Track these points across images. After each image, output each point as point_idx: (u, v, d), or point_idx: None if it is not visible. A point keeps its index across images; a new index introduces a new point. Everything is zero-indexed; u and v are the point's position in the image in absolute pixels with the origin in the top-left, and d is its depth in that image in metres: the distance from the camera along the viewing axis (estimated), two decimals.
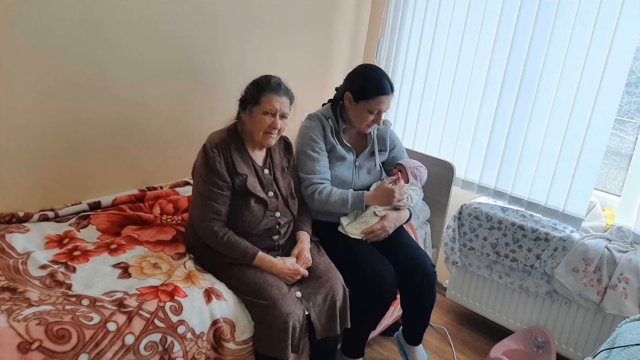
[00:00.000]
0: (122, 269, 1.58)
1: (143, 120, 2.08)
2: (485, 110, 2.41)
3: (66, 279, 1.49)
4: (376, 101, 1.87)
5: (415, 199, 2.02)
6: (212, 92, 2.28)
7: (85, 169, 1.95)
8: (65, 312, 1.31)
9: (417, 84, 2.67)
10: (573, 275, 1.99)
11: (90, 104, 1.89)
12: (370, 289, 1.76)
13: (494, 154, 2.38)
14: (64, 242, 1.69)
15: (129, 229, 1.84)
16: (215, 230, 1.62)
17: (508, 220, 2.19)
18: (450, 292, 2.50)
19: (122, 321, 1.34)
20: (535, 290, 2.15)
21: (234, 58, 2.31)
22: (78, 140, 1.90)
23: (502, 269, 2.25)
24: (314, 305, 1.63)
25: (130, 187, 2.10)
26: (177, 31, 2.07)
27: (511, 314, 2.29)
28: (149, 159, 2.15)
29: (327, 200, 1.88)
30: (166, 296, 1.46)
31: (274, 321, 1.52)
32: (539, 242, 2.10)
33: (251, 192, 1.67)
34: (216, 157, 1.62)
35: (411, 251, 1.94)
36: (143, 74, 2.02)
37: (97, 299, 1.41)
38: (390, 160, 2.14)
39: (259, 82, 1.67)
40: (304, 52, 2.64)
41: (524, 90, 2.25)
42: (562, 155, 2.15)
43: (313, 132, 1.92)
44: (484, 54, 2.38)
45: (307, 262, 1.72)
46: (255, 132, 1.67)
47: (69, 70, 1.81)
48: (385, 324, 2.15)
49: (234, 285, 1.61)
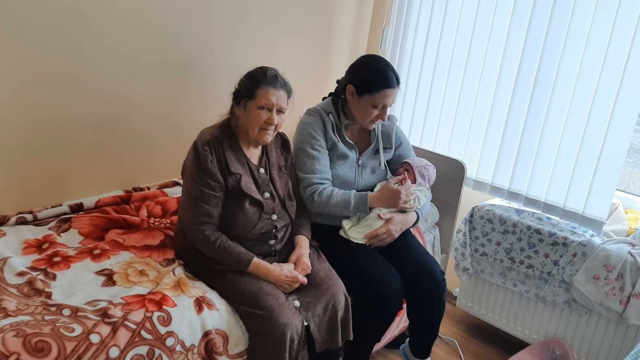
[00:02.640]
0: (106, 276, 1.58)
1: (129, 115, 2.07)
2: (498, 105, 2.41)
3: (46, 287, 1.49)
4: (381, 95, 1.87)
5: (423, 200, 2.03)
6: (204, 85, 2.28)
7: (66, 168, 1.95)
8: (44, 323, 1.31)
9: (425, 76, 2.67)
10: (594, 283, 1.99)
11: (71, 98, 1.89)
12: (375, 297, 1.76)
13: (508, 151, 2.38)
14: (43, 247, 1.69)
15: (113, 233, 1.84)
16: (207, 234, 1.63)
17: (523, 224, 2.19)
18: (460, 301, 2.51)
19: (106, 333, 1.33)
20: (553, 299, 2.15)
21: (227, 48, 2.31)
22: (58, 137, 1.90)
23: (516, 276, 2.25)
24: (313, 315, 1.63)
25: (114, 187, 2.10)
26: (165, 19, 2.07)
27: (526, 324, 2.29)
28: (135, 157, 2.15)
29: (327, 202, 1.88)
30: (154, 306, 1.46)
31: (270, 332, 1.52)
32: (557, 247, 2.10)
33: (246, 193, 1.67)
34: (208, 156, 1.62)
35: (419, 257, 1.94)
36: (129, 65, 2.01)
37: (79, 308, 1.41)
38: (396, 158, 2.14)
39: (254, 75, 1.67)
40: (303, 41, 2.64)
41: (540, 83, 2.25)
42: (582, 153, 2.15)
43: (312, 129, 1.92)
44: (497, 43, 2.38)
45: (306, 268, 1.72)
46: (250, 128, 1.67)
47: (49, 61, 1.80)
48: (391, 336, 2.16)
49: (227, 294, 1.61)
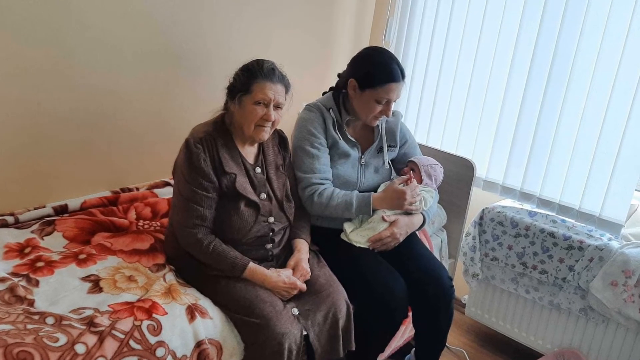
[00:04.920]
0: (93, 283, 1.58)
1: (116, 111, 2.07)
2: (510, 99, 2.41)
3: (28, 294, 1.48)
4: (385, 89, 1.87)
5: (430, 201, 2.03)
6: (196, 79, 2.28)
7: (49, 168, 1.95)
8: (26, 332, 1.31)
9: (432, 69, 2.67)
10: (611, 289, 1.99)
11: (54, 93, 1.89)
12: (378, 305, 1.77)
13: (521, 149, 2.38)
14: (25, 251, 1.69)
15: (100, 236, 1.84)
16: (200, 237, 1.63)
17: (536, 227, 2.19)
18: (469, 309, 2.51)
19: (93, 342, 1.33)
20: (568, 307, 2.15)
21: (220, 39, 2.31)
22: (41, 135, 1.90)
23: (529, 282, 2.25)
24: (313, 324, 1.63)
25: (101, 188, 2.10)
26: (155, 8, 2.07)
27: (540, 334, 2.29)
28: (123, 155, 2.15)
29: (328, 204, 1.88)
30: (143, 314, 1.46)
31: (267, 342, 1.52)
32: (572, 252, 2.10)
33: (241, 194, 1.67)
34: (200, 154, 1.62)
35: (425, 262, 1.94)
36: (116, 57, 2.01)
37: (63, 317, 1.41)
38: (401, 157, 2.14)
39: (250, 68, 1.67)
40: (302, 32, 2.64)
41: (554, 76, 2.25)
42: (599, 152, 2.15)
43: (312, 125, 1.92)
44: (509, 34, 2.38)
45: (305, 274, 1.72)
46: (245, 125, 1.67)
47: (30, 53, 1.80)
48: (395, 346, 2.16)
49: (221, 302, 1.61)
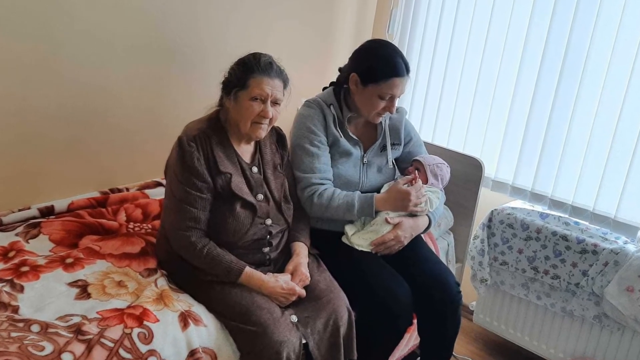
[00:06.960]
0: (80, 288, 1.58)
1: (106, 108, 2.08)
2: (520, 96, 2.41)
3: (12, 300, 1.48)
4: (388, 84, 1.87)
5: (436, 203, 2.03)
6: (190, 74, 2.28)
7: (35, 167, 1.96)
8: (10, 341, 1.31)
9: (438, 63, 2.67)
10: (627, 295, 1.99)
11: (42, 89, 1.90)
12: (381, 312, 1.76)
13: (531, 148, 2.38)
14: (9, 255, 1.69)
15: (88, 239, 1.84)
16: (193, 241, 1.63)
17: (548, 229, 2.19)
18: (477, 316, 2.51)
19: (80, 351, 1.33)
20: (581, 314, 2.15)
21: (216, 32, 2.31)
22: (27, 132, 1.90)
23: (540, 288, 2.25)
24: (312, 331, 1.63)
25: (89, 188, 2.10)
26: (147, 1, 2.07)
27: (552, 342, 2.29)
28: (113, 154, 2.15)
29: (328, 205, 1.88)
30: (133, 321, 1.46)
31: (264, 351, 1.52)
32: (586, 256, 2.10)
33: (236, 194, 1.67)
34: (194, 153, 1.62)
35: (430, 266, 1.94)
36: (106, 52, 2.02)
37: (49, 324, 1.41)
38: (406, 156, 2.14)
39: (246, 62, 1.67)
40: (301, 24, 2.64)
41: (567, 71, 2.25)
42: (614, 151, 2.15)
43: (312, 122, 1.92)
44: (519, 27, 2.38)
45: (304, 279, 1.72)
46: (241, 122, 1.67)
47: (17, 47, 1.80)
48: (399, 355, 2.15)
49: (215, 308, 1.61)
